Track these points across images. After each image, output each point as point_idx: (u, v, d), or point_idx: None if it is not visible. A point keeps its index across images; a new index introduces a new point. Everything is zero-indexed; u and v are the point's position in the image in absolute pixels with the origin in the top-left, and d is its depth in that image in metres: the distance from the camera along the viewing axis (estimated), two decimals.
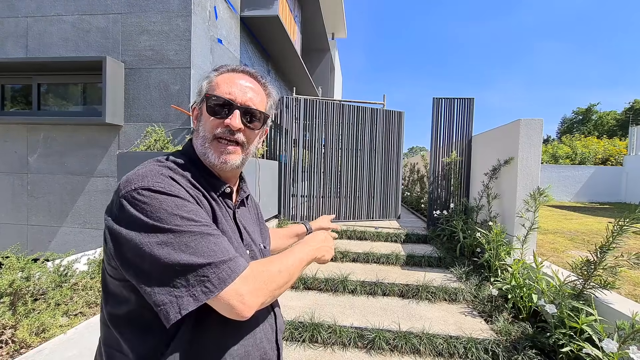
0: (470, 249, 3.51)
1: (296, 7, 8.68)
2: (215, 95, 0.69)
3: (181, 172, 0.66)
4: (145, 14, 3.80)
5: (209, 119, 0.69)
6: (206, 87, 0.72)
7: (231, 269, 0.57)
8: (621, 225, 1.98)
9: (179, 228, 0.55)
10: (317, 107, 5.09)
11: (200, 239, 0.56)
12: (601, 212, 8.15)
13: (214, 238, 0.58)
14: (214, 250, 0.57)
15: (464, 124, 4.57)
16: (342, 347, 2.09)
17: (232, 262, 0.58)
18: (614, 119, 34.67)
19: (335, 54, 14.22)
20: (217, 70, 0.74)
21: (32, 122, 3.94)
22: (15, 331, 1.67)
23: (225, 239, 0.62)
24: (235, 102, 0.69)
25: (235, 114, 0.69)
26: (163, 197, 0.57)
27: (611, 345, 1.57)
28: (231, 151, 0.70)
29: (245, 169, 0.85)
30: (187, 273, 0.53)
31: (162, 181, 0.59)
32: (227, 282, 0.55)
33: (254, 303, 0.57)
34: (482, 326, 2.30)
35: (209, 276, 0.54)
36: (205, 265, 0.54)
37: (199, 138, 0.71)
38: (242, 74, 0.74)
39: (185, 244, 0.54)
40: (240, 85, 0.71)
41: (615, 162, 12.40)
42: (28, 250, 3.79)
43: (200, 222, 0.58)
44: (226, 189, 0.73)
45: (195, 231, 0.56)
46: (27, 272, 1.89)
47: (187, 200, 0.59)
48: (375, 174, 5.40)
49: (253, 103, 0.71)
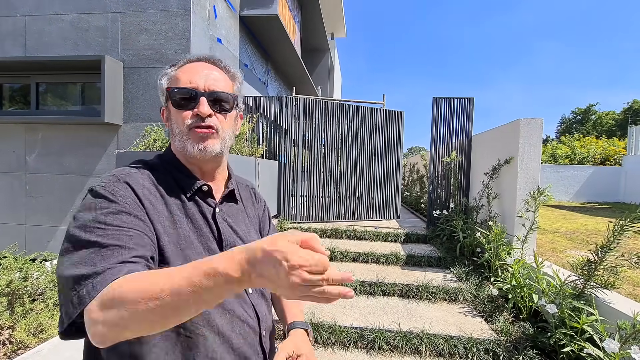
0: (470, 248, 3.51)
1: (296, 7, 8.68)
2: (177, 87, 0.68)
3: (147, 172, 0.67)
4: (144, 13, 3.79)
5: (178, 114, 0.68)
6: (167, 83, 0.71)
7: (93, 285, 0.47)
8: (622, 225, 1.98)
9: (86, 234, 0.52)
10: (316, 106, 5.08)
11: (94, 250, 0.51)
12: (600, 212, 8.16)
13: (106, 249, 0.51)
14: (95, 263, 0.49)
15: (463, 124, 4.57)
16: (342, 347, 2.08)
17: (100, 275, 0.48)
18: (612, 119, 34.78)
19: (335, 54, 14.22)
20: (174, 65, 0.73)
21: (31, 121, 3.92)
22: (13, 332, 1.65)
23: (131, 248, 0.53)
24: (199, 90, 0.68)
25: (202, 101, 0.67)
26: (93, 199, 0.57)
27: (612, 345, 1.57)
28: (207, 136, 0.68)
29: (245, 169, 0.83)
30: (68, 283, 0.49)
31: (105, 181, 0.60)
32: (85, 300, 0.47)
33: (100, 334, 0.45)
34: (483, 326, 2.30)
35: (77, 290, 0.48)
36: (78, 279, 0.48)
37: (176, 136, 0.70)
38: (199, 62, 0.72)
39: (79, 253, 0.51)
40: (200, 72, 0.69)
41: (614, 162, 12.42)
42: (26, 250, 3.77)
43: (112, 225, 0.54)
44: (203, 186, 0.71)
45: (92, 240, 0.51)
46: (25, 272, 1.87)
47: (113, 202, 0.57)
48: (375, 173, 5.39)
49: (217, 87, 0.70)
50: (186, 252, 0.63)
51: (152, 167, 0.69)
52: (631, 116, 30.42)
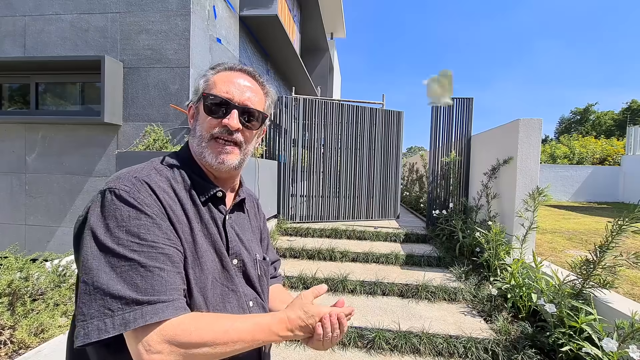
0: (470, 248, 3.52)
1: (295, 7, 8.69)
2: (213, 94, 0.68)
3: (166, 173, 0.65)
4: (144, 13, 3.79)
5: (206, 119, 0.68)
6: (203, 85, 0.71)
7: (147, 312, 0.50)
8: (620, 224, 1.99)
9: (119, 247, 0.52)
10: (316, 106, 5.09)
11: (131, 267, 0.52)
12: (599, 212, 8.18)
13: (145, 270, 0.52)
14: (137, 285, 0.51)
15: (463, 124, 4.57)
16: (342, 347, 2.09)
17: (154, 305, 0.51)
18: (611, 119, 34.82)
19: (334, 54, 14.21)
20: (214, 68, 0.73)
21: (30, 121, 3.92)
22: (14, 332, 1.66)
23: (170, 272, 0.55)
24: (233, 102, 0.68)
25: (233, 114, 0.67)
26: (120, 205, 0.55)
27: (611, 344, 1.58)
28: (229, 151, 0.69)
29: (245, 169, 0.83)
30: (103, 299, 0.50)
31: (129, 185, 0.58)
32: (130, 325, 0.49)
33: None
34: (482, 325, 2.31)
35: (115, 311, 0.49)
36: (118, 298, 0.50)
37: (196, 137, 0.70)
38: (240, 73, 0.72)
39: (115, 267, 0.51)
40: (238, 84, 0.70)
41: (613, 162, 12.44)
42: (26, 251, 3.77)
43: (145, 241, 0.54)
44: (217, 192, 0.70)
45: (130, 257, 0.52)
46: (25, 272, 1.88)
47: (142, 213, 0.56)
48: (375, 173, 5.40)
49: (251, 102, 0.70)
50: (202, 259, 0.63)
51: (170, 166, 0.68)
52: (630, 116, 30.46)
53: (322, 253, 3.61)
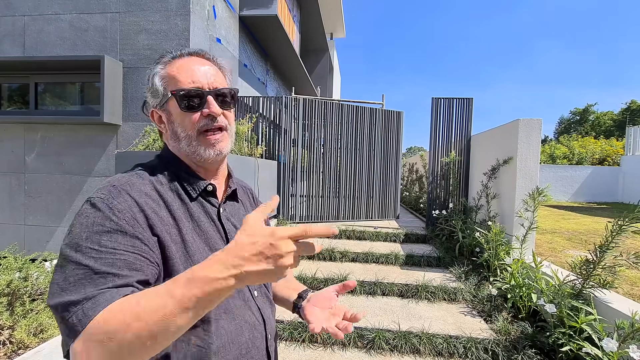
0: (470, 248, 3.52)
1: (295, 7, 8.69)
2: (182, 88, 0.64)
3: (149, 177, 0.64)
4: (143, 13, 3.78)
5: (186, 116, 0.65)
6: (161, 84, 0.66)
7: (84, 312, 0.45)
8: (620, 225, 1.99)
9: (77, 254, 0.50)
10: (316, 106, 5.09)
11: (81, 272, 0.49)
12: (598, 212, 8.19)
13: (99, 276, 0.49)
14: (83, 285, 0.48)
15: (462, 124, 4.58)
16: (342, 347, 2.09)
17: (88, 302, 0.46)
18: (611, 119, 34.89)
19: (334, 54, 14.22)
20: (160, 63, 0.68)
21: (30, 121, 3.91)
22: (13, 332, 1.65)
23: (127, 277, 0.51)
24: (204, 89, 0.65)
25: (210, 101, 0.65)
26: (90, 212, 0.54)
27: (611, 344, 1.58)
28: (220, 139, 0.67)
29: (245, 168, 0.82)
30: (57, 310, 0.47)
31: (105, 193, 0.56)
32: (77, 328, 0.45)
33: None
34: (482, 326, 2.31)
35: (67, 316, 0.46)
36: (66, 304, 0.47)
37: (182, 140, 0.66)
38: (191, 58, 0.69)
39: (68, 275, 0.49)
40: (198, 69, 0.67)
41: (613, 163, 12.45)
42: (25, 251, 3.76)
43: (105, 247, 0.51)
44: (208, 186, 0.69)
45: (83, 263, 0.49)
46: (24, 273, 1.87)
47: (110, 220, 0.53)
48: (374, 173, 5.40)
49: (218, 83, 0.68)
50: (194, 258, 0.61)
51: (152, 169, 0.67)
52: (629, 116, 30.52)
53: (321, 253, 3.61)
